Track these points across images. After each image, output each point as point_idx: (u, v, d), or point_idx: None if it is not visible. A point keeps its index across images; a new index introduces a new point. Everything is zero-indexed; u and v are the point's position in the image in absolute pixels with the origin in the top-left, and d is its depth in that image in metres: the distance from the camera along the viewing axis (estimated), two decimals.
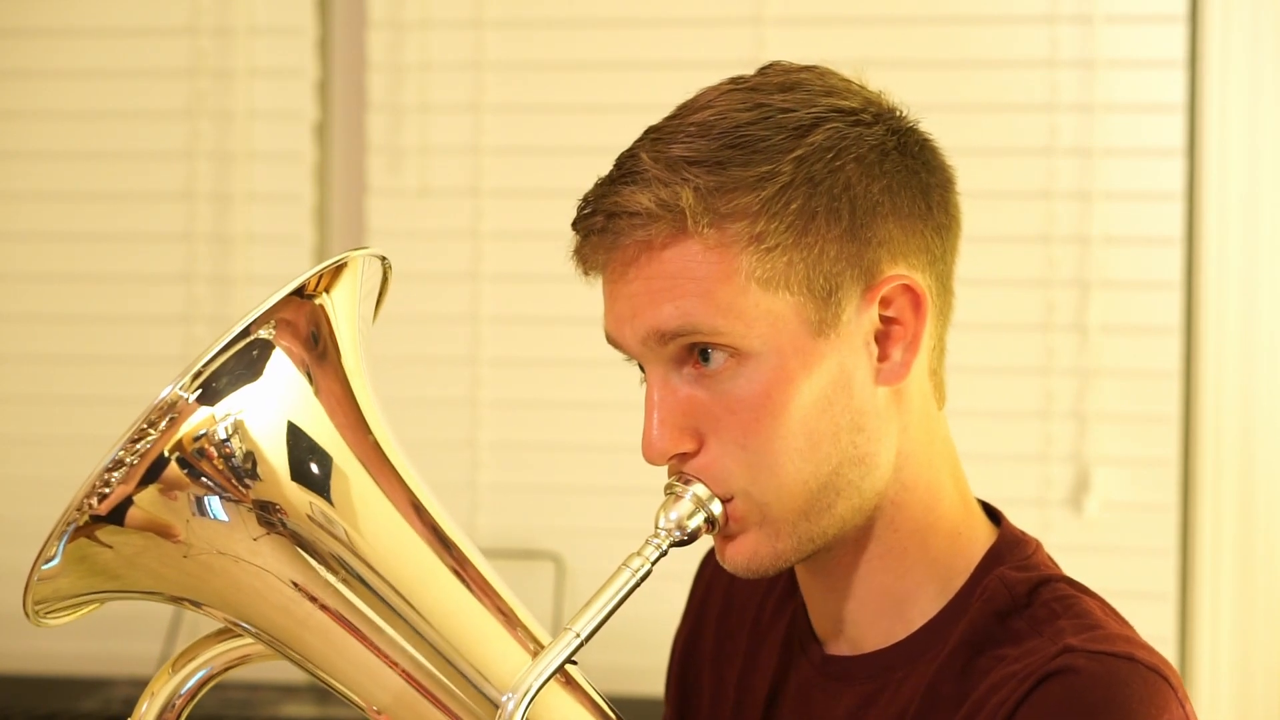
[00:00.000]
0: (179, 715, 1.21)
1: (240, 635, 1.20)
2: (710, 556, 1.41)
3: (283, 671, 2.55)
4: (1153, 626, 2.38)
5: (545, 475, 2.59)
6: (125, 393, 2.63)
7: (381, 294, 1.22)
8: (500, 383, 2.60)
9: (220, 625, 1.19)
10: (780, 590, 1.32)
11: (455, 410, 2.61)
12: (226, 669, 1.22)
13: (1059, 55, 2.50)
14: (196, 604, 1.15)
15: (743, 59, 2.47)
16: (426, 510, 1.15)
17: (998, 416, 2.50)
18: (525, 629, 1.15)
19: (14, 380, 2.69)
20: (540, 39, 2.61)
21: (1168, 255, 2.49)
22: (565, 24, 2.60)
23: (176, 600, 1.15)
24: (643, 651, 2.11)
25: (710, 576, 1.40)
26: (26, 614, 1.13)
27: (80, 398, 2.66)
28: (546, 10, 2.60)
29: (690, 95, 1.19)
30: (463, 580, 1.14)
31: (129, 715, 1.21)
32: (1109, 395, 2.49)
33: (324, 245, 2.68)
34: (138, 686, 2.41)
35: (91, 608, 1.17)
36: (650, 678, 1.87)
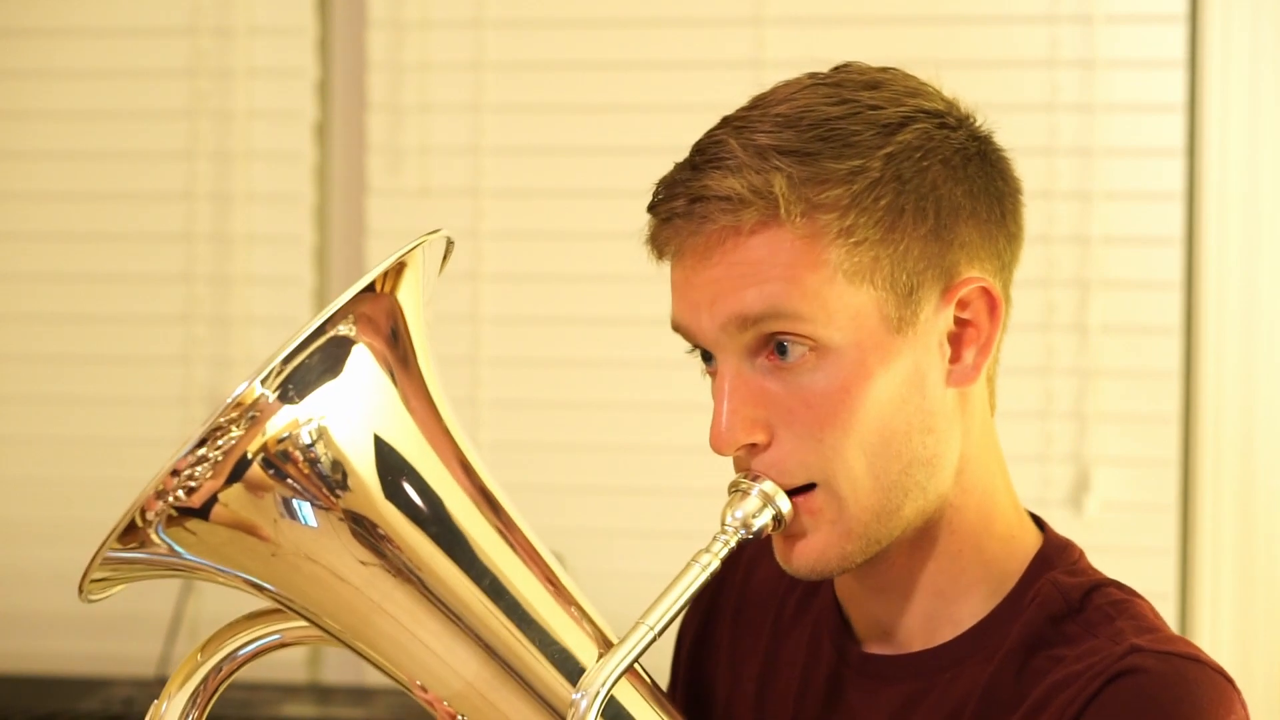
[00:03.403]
0: (217, 687, 1.21)
1: (279, 619, 1.20)
2: None
3: (283, 671, 2.55)
4: None
5: (545, 475, 2.59)
6: (125, 393, 2.63)
7: (443, 263, 1.23)
8: (500, 383, 2.60)
9: (245, 613, 1.20)
10: (803, 588, 1.31)
11: (455, 410, 2.60)
12: (277, 647, 1.22)
13: (1059, 55, 2.50)
14: (267, 593, 1.15)
15: (743, 59, 2.47)
16: (495, 498, 1.17)
17: (998, 416, 2.49)
18: (593, 623, 1.17)
19: (14, 380, 2.68)
20: (540, 39, 2.60)
21: (1168, 255, 2.49)
22: (565, 24, 2.60)
23: (250, 584, 1.14)
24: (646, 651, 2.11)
25: (721, 572, 1.39)
26: (80, 589, 1.13)
27: (80, 398, 2.66)
28: (546, 10, 2.60)
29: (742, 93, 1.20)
30: (544, 586, 1.15)
31: (129, 715, 1.21)
32: (1109, 395, 2.49)
33: (324, 245, 2.68)
34: (138, 686, 2.42)
35: (121, 586, 1.16)
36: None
